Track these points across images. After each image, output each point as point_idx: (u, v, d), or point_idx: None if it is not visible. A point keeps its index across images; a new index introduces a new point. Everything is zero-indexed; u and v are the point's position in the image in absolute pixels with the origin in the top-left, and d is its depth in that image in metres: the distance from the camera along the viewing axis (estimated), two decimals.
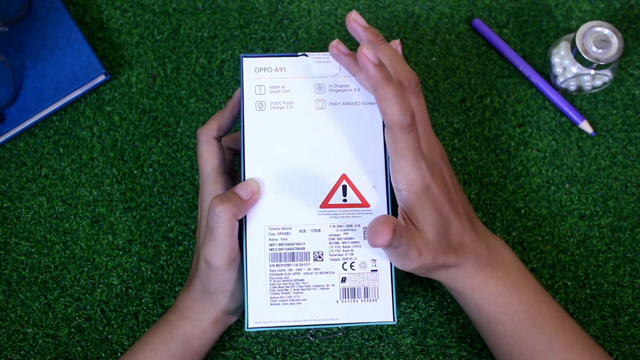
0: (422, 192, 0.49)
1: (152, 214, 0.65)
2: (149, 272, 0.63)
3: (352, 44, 0.68)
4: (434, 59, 0.68)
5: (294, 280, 0.51)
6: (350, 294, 0.51)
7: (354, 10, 0.53)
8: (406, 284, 0.63)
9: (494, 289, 0.52)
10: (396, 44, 0.54)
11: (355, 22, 0.52)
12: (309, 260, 0.51)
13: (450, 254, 0.50)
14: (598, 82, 0.65)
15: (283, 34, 0.68)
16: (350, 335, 0.62)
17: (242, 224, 0.52)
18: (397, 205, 0.65)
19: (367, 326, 0.62)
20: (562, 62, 0.65)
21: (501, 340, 0.53)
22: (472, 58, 0.68)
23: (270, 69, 0.53)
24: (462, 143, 0.66)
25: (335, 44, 0.52)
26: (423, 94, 0.56)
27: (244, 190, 0.50)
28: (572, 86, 0.66)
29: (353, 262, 0.51)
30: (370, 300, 0.51)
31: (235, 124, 0.63)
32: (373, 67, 0.46)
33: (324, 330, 0.61)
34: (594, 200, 0.65)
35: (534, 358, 0.52)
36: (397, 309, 0.61)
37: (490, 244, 0.54)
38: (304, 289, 0.51)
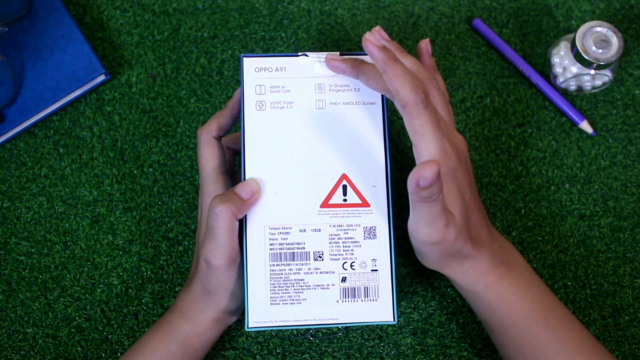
0: (448, 174, 0.48)
1: (152, 214, 0.64)
2: (149, 272, 0.63)
3: (351, 45, 0.68)
4: (434, 58, 0.68)
5: (294, 280, 0.51)
6: (350, 293, 0.51)
7: (377, 27, 0.52)
8: (406, 284, 0.63)
9: (508, 288, 0.52)
10: (425, 42, 0.55)
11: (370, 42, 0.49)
12: (309, 260, 0.51)
13: (469, 242, 0.50)
14: (598, 82, 0.65)
15: (283, 34, 0.68)
16: (350, 335, 0.62)
17: (242, 223, 0.52)
18: (397, 206, 0.65)
19: (367, 326, 0.62)
20: (562, 62, 0.65)
21: (513, 341, 0.53)
22: (472, 58, 0.68)
23: (270, 69, 0.53)
24: None
25: (330, 57, 0.52)
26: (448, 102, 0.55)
27: (244, 190, 0.50)
28: (572, 86, 0.66)
29: (353, 262, 0.51)
30: (370, 300, 0.51)
31: (236, 124, 0.63)
32: (378, 49, 0.46)
33: (324, 330, 0.61)
34: (594, 200, 0.65)
35: (546, 359, 0.52)
36: (397, 309, 0.61)
37: (502, 244, 0.54)
38: (304, 289, 0.51)
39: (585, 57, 0.61)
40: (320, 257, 0.51)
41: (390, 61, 0.46)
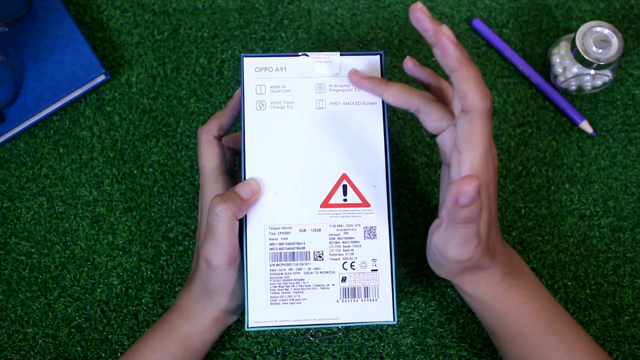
0: (483, 189, 0.47)
1: (152, 214, 0.64)
2: (149, 272, 0.63)
3: (351, 45, 0.68)
4: (434, 59, 0.68)
5: (294, 279, 0.51)
6: (350, 293, 0.51)
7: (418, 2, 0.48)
8: (406, 284, 0.63)
9: (516, 298, 0.52)
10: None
11: (422, 12, 0.47)
12: (309, 259, 0.51)
13: (487, 256, 0.49)
14: (598, 82, 0.65)
15: (283, 34, 0.68)
16: (350, 335, 0.62)
17: (242, 223, 0.51)
18: (397, 206, 0.65)
19: (367, 326, 0.62)
20: (562, 62, 0.65)
21: (520, 350, 0.52)
22: (472, 58, 0.68)
23: (270, 69, 0.53)
24: None
25: (354, 71, 0.51)
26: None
27: (244, 190, 0.50)
28: (572, 86, 0.66)
29: (353, 262, 0.51)
30: (370, 300, 0.51)
31: (236, 124, 0.63)
32: (453, 46, 0.44)
33: (324, 330, 0.61)
34: (594, 200, 0.65)
35: None
36: (397, 309, 0.61)
37: (510, 253, 0.54)
38: (304, 289, 0.51)
39: (585, 57, 0.61)
40: (320, 257, 0.51)
41: (465, 61, 0.44)
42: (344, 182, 0.52)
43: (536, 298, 0.52)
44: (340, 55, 0.54)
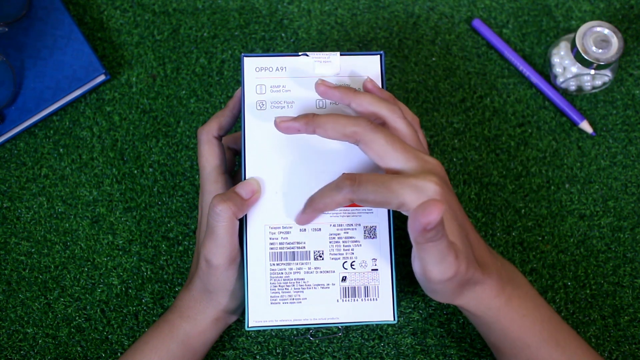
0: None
1: (152, 214, 0.64)
2: (149, 272, 0.63)
3: (351, 45, 0.68)
4: (434, 59, 0.68)
5: (295, 279, 0.51)
6: (350, 293, 0.51)
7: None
8: (406, 284, 0.63)
9: (518, 310, 0.51)
10: (369, 81, 0.52)
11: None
12: (310, 259, 0.51)
13: (477, 268, 0.48)
14: (598, 82, 0.65)
15: (283, 34, 0.69)
16: (350, 335, 0.62)
17: (242, 223, 0.52)
18: None
19: (367, 326, 0.62)
20: (562, 62, 0.65)
21: None
22: (472, 58, 0.68)
23: (271, 69, 0.53)
24: (462, 143, 0.66)
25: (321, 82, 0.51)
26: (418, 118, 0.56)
27: (245, 189, 0.50)
28: (572, 86, 0.66)
29: (353, 262, 0.51)
30: (370, 299, 0.51)
31: (236, 124, 0.63)
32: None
33: (324, 330, 0.61)
34: (594, 200, 0.65)
35: None
36: (397, 309, 0.61)
37: (502, 261, 0.53)
38: (305, 288, 0.51)
39: (585, 57, 0.61)
40: (321, 256, 0.51)
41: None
42: None
43: (537, 309, 0.52)
44: (340, 55, 0.54)
